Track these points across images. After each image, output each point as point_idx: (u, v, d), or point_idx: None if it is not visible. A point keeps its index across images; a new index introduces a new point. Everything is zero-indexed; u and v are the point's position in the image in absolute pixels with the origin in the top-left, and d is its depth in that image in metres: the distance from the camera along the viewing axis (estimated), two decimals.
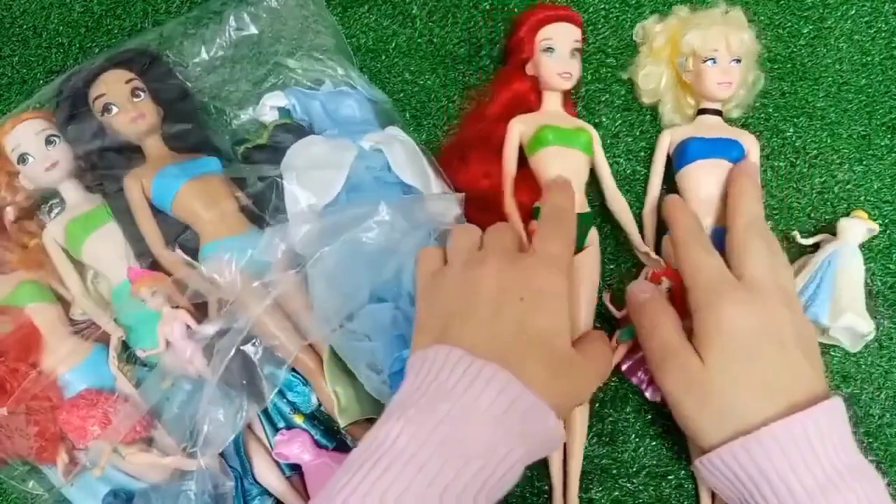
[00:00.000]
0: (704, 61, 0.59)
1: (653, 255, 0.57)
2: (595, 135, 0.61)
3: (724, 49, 0.59)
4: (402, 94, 0.64)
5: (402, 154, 0.56)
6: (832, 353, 0.61)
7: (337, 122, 0.58)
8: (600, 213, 0.62)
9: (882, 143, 0.65)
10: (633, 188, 0.63)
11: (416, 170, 0.56)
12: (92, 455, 0.48)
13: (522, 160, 0.60)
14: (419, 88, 0.64)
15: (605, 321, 0.59)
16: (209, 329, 0.49)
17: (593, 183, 0.61)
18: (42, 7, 0.65)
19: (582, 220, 0.58)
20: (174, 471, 0.50)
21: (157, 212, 0.54)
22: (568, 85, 0.60)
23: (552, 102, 0.61)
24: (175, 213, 0.54)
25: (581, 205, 0.59)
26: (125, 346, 0.53)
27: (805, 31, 0.67)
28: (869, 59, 0.66)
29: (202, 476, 0.49)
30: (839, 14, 0.67)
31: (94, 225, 0.54)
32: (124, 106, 0.54)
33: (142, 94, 0.55)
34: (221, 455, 0.51)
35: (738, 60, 0.59)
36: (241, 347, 0.50)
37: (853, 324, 0.57)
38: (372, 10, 0.65)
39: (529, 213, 0.59)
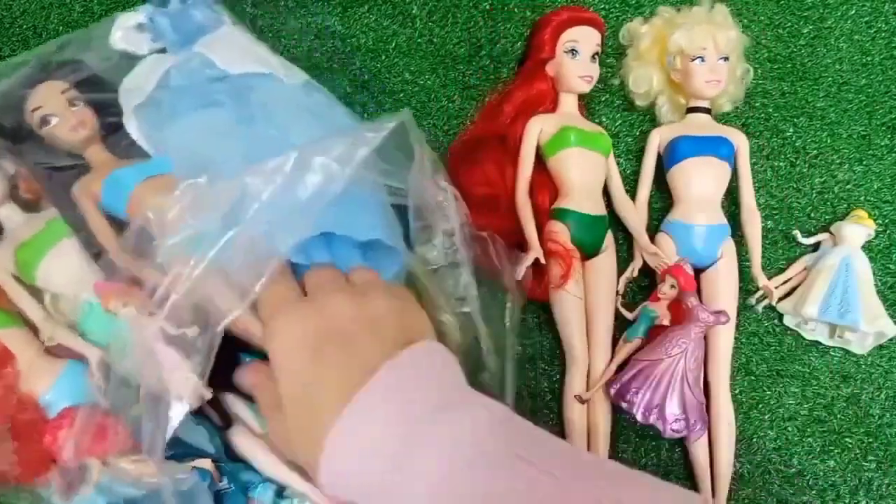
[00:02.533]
0: (692, 60, 0.59)
1: (661, 255, 0.58)
2: (610, 140, 0.61)
3: (712, 48, 0.59)
4: (402, 94, 0.64)
5: (226, 48, 0.55)
6: (832, 354, 0.61)
7: (182, 32, 0.57)
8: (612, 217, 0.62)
9: (882, 143, 0.65)
10: (633, 188, 0.63)
11: (250, 57, 0.55)
12: (83, 473, 0.48)
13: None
14: (419, 88, 0.64)
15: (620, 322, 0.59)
16: (191, 331, 0.48)
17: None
18: (42, 7, 0.65)
19: (599, 223, 0.59)
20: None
21: (112, 218, 0.52)
22: (587, 88, 0.60)
23: (569, 104, 0.61)
24: (130, 217, 0.51)
25: (598, 208, 0.59)
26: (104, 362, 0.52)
27: (805, 31, 0.67)
28: (869, 59, 0.66)
29: (203, 473, 0.49)
30: (839, 14, 0.67)
31: (46, 246, 0.52)
32: (63, 115, 0.53)
33: (79, 102, 0.54)
34: (213, 457, 0.50)
35: (726, 58, 0.60)
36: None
37: (886, 327, 0.57)
38: (372, 10, 0.65)
39: (545, 216, 0.59)
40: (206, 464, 0.50)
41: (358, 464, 0.33)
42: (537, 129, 0.60)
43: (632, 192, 0.62)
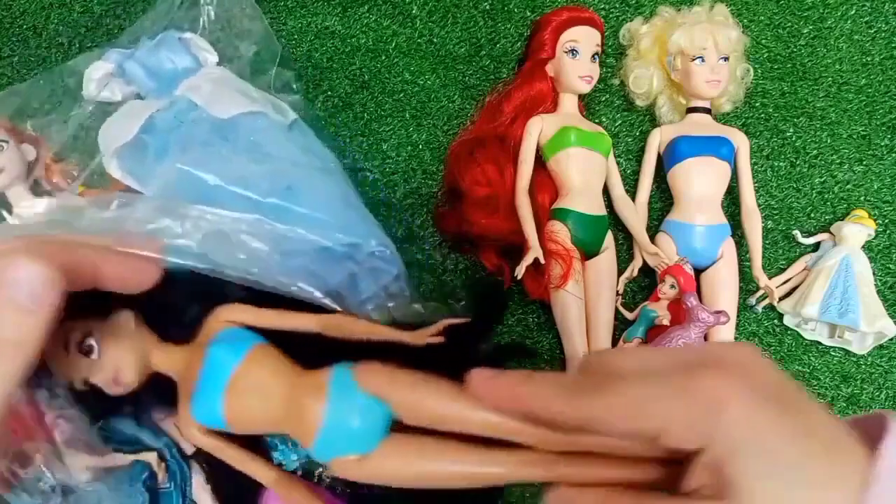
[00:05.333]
0: (693, 60, 0.59)
1: (661, 254, 0.58)
2: (610, 140, 0.61)
3: (712, 48, 0.59)
4: (402, 94, 0.64)
5: (213, 90, 0.56)
6: (832, 354, 0.61)
7: (160, 79, 0.58)
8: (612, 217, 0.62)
9: (882, 143, 0.65)
10: (633, 188, 0.63)
11: (235, 99, 0.56)
12: (25, 459, 0.48)
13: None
14: (419, 88, 0.64)
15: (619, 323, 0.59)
16: None
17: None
18: (42, 7, 0.65)
19: (599, 224, 0.58)
20: (108, 468, 0.49)
21: None
22: (588, 88, 0.60)
23: (569, 104, 0.61)
24: None
25: (598, 208, 0.59)
26: None
27: (805, 31, 0.67)
28: (869, 59, 0.66)
29: (137, 472, 0.49)
30: (839, 14, 0.67)
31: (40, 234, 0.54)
32: None
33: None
34: (163, 459, 0.50)
35: (726, 58, 0.60)
36: None
37: (886, 328, 0.57)
38: (372, 10, 0.65)
39: (545, 216, 0.59)
40: (150, 457, 0.49)
41: None
42: (537, 129, 0.60)
43: (632, 192, 0.62)
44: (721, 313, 0.54)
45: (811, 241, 0.62)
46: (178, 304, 0.35)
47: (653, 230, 0.61)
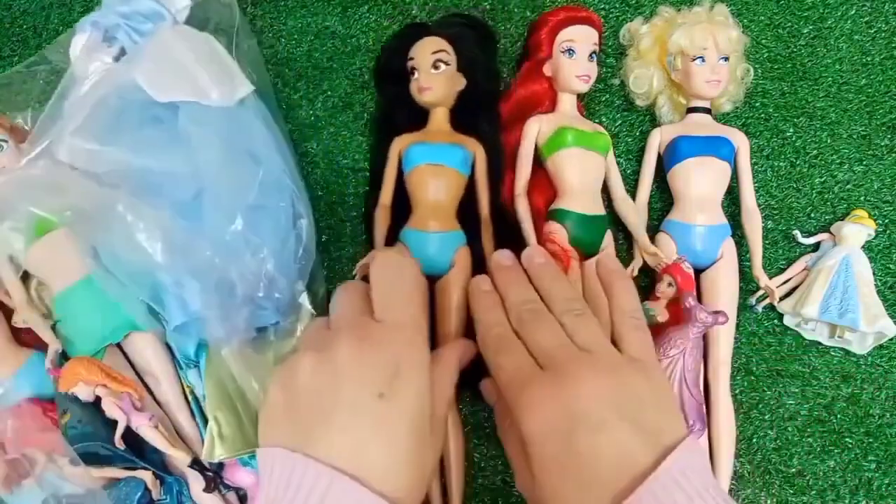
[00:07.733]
0: (693, 60, 0.59)
1: (661, 254, 0.57)
2: (609, 139, 0.61)
3: (713, 48, 0.59)
4: None
5: (157, 70, 0.53)
6: (832, 354, 0.61)
7: (141, 34, 0.56)
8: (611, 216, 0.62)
9: (882, 143, 0.65)
10: (633, 188, 0.63)
11: (179, 80, 0.53)
12: (28, 464, 0.48)
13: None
14: None
15: None
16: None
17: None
18: (42, 7, 0.65)
19: (597, 223, 0.58)
20: (109, 479, 0.49)
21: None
22: (585, 88, 0.60)
23: (567, 104, 0.61)
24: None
25: (596, 208, 0.59)
26: (64, 355, 0.52)
27: (805, 31, 0.67)
28: (869, 59, 0.66)
29: (137, 484, 0.49)
30: (839, 14, 0.67)
31: (38, 232, 0.53)
32: None
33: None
34: (156, 469, 0.50)
35: (726, 58, 0.60)
36: None
37: (886, 328, 0.57)
38: (372, 10, 0.65)
39: (543, 217, 0.59)
40: (145, 475, 0.49)
41: None
42: (535, 130, 0.60)
43: (632, 192, 0.62)
44: (720, 314, 0.53)
45: (811, 241, 0.62)
46: None
47: (653, 230, 0.61)
